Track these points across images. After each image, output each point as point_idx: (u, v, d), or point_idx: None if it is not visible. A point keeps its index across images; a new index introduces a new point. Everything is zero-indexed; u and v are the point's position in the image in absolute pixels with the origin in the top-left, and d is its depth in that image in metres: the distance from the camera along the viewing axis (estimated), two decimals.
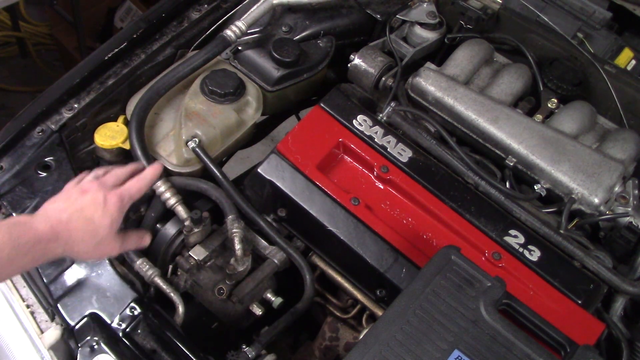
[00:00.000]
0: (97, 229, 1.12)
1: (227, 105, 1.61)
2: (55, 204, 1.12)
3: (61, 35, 3.54)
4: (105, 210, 1.13)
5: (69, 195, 1.14)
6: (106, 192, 1.15)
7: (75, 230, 1.10)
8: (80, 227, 1.10)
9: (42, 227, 1.06)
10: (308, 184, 1.51)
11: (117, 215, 1.15)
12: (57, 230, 1.07)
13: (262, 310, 1.47)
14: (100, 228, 1.13)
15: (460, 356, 1.07)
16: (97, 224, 1.12)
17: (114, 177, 1.22)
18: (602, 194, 1.50)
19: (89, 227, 1.11)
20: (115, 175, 1.22)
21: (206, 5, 1.81)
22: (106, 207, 1.13)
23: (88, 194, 1.14)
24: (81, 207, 1.12)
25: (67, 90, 1.59)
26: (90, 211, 1.12)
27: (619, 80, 1.73)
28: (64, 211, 1.10)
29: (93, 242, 1.12)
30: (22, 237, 1.02)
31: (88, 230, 1.11)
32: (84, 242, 1.11)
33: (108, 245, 1.16)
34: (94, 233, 1.12)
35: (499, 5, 1.87)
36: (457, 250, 1.18)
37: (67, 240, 1.09)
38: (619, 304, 1.46)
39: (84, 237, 1.11)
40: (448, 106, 1.64)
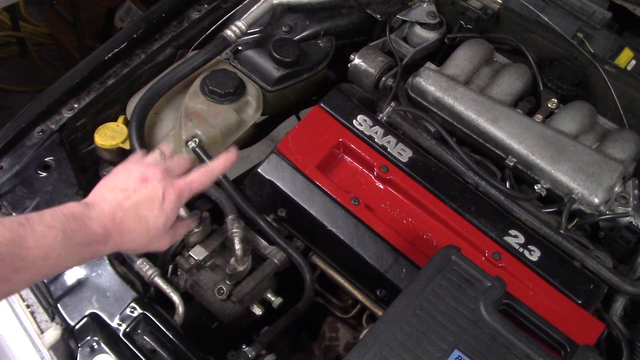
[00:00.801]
0: (150, 229, 1.05)
1: (227, 105, 1.61)
2: (112, 193, 1.03)
3: (61, 35, 3.54)
4: (162, 209, 1.05)
5: (129, 183, 1.05)
6: (167, 184, 1.06)
7: (127, 230, 1.02)
8: (133, 226, 1.03)
9: (96, 227, 0.99)
10: (308, 184, 1.51)
11: (173, 214, 1.08)
12: (110, 232, 1.00)
13: (262, 310, 1.47)
14: (154, 228, 1.05)
15: (460, 356, 1.07)
16: (151, 223, 1.05)
17: (181, 163, 1.14)
18: (602, 194, 1.50)
19: (143, 226, 1.04)
20: (182, 162, 1.14)
21: (206, 5, 1.81)
22: (164, 204, 1.05)
23: (148, 185, 1.05)
24: (137, 203, 1.03)
25: (67, 90, 1.59)
26: (146, 209, 1.04)
27: (619, 80, 1.73)
28: (119, 206, 1.02)
29: (144, 241, 1.06)
30: (75, 237, 0.96)
31: (141, 230, 1.04)
32: (134, 242, 1.05)
33: (158, 241, 1.10)
34: (146, 232, 1.05)
35: (499, 5, 1.87)
36: (457, 250, 1.18)
37: (117, 241, 1.02)
38: (619, 304, 1.46)
39: (136, 237, 1.04)
40: (448, 106, 1.64)
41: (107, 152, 1.58)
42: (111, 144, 1.55)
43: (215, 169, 1.15)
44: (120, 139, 1.55)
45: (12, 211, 1.44)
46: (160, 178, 1.06)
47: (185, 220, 1.19)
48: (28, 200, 1.46)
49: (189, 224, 1.20)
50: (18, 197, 1.46)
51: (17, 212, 1.44)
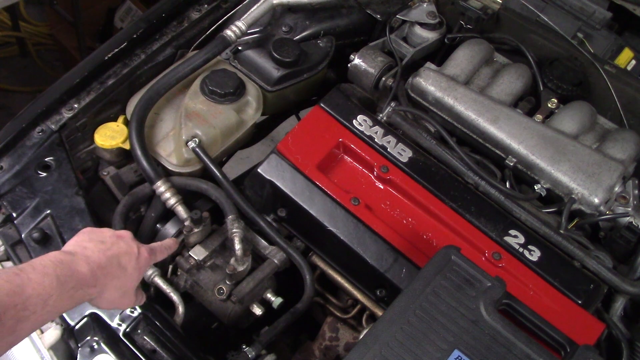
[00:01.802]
0: (127, 280, 1.09)
1: (227, 105, 1.61)
2: (91, 244, 1.07)
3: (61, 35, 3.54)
4: (138, 263, 1.11)
5: (103, 236, 1.09)
6: (139, 244, 1.13)
7: (110, 277, 1.06)
8: (114, 274, 1.06)
9: (85, 270, 1.01)
10: (308, 184, 1.51)
11: (143, 273, 1.14)
12: (97, 275, 1.03)
13: (262, 310, 1.47)
14: (130, 280, 1.10)
15: (460, 356, 1.07)
16: (129, 275, 1.09)
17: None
18: (602, 194, 1.50)
19: (122, 276, 1.08)
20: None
21: (206, 5, 1.81)
22: (139, 259, 1.11)
23: (123, 241, 1.10)
24: (117, 254, 1.08)
25: (67, 90, 1.59)
26: (125, 260, 1.09)
27: (619, 80, 1.73)
28: (103, 254, 1.06)
29: (120, 292, 1.09)
30: (68, 281, 0.97)
31: (120, 279, 1.08)
32: (113, 290, 1.07)
33: (130, 297, 1.13)
34: (124, 283, 1.09)
35: (499, 5, 1.87)
36: (457, 250, 1.18)
37: (102, 286, 1.04)
38: (619, 304, 1.46)
39: (116, 285, 1.07)
40: (448, 106, 1.64)
41: (107, 152, 1.58)
42: (111, 144, 1.55)
43: (170, 245, 1.25)
44: (120, 139, 1.55)
45: (12, 211, 1.44)
46: (132, 238, 1.13)
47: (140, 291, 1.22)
48: (28, 200, 1.46)
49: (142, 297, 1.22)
50: (18, 197, 1.46)
51: (17, 212, 1.44)
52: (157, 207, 1.53)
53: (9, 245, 1.42)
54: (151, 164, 1.50)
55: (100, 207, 1.56)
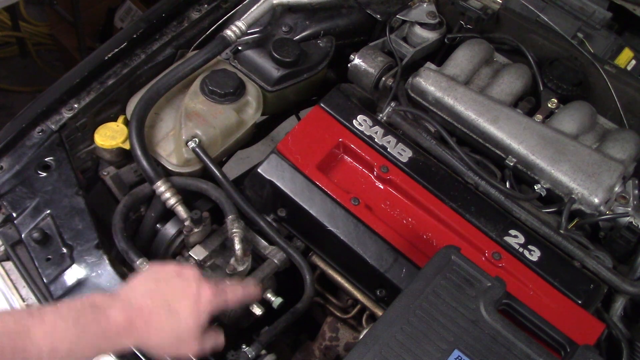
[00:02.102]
0: (181, 327, 0.99)
1: (227, 105, 1.61)
2: (144, 282, 0.99)
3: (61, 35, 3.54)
4: (196, 307, 1.00)
5: (162, 273, 1.01)
6: (204, 283, 1.02)
7: (154, 323, 0.96)
8: (161, 320, 0.96)
9: (118, 316, 0.93)
10: (308, 184, 1.51)
11: (206, 316, 1.02)
12: (134, 322, 0.94)
13: (262, 310, 1.47)
14: (185, 326, 0.99)
15: (460, 356, 1.07)
16: (182, 320, 0.99)
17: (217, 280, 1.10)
18: (602, 194, 1.50)
19: (172, 321, 0.98)
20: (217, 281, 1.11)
21: (206, 5, 1.81)
22: (198, 303, 1.00)
23: (182, 279, 1.01)
24: (169, 295, 0.98)
25: (67, 90, 1.59)
26: (178, 303, 0.98)
27: (619, 80, 1.73)
28: (149, 295, 0.97)
29: (172, 340, 0.99)
30: (90, 327, 0.90)
31: (170, 325, 0.97)
32: (160, 339, 0.98)
33: (187, 345, 1.01)
34: (176, 329, 0.98)
35: (499, 5, 1.87)
36: (457, 250, 1.18)
37: (141, 334, 0.95)
38: (619, 304, 1.46)
39: (163, 333, 0.98)
40: (448, 106, 1.64)
41: (107, 152, 1.58)
42: (111, 144, 1.55)
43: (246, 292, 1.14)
44: (120, 139, 1.55)
45: (12, 211, 1.44)
46: (197, 275, 1.02)
47: (213, 332, 1.10)
48: (28, 200, 1.46)
49: (216, 337, 1.11)
50: (18, 197, 1.46)
51: (17, 212, 1.44)
52: (157, 207, 1.53)
53: (9, 245, 1.42)
54: (151, 164, 1.50)
55: (100, 207, 1.56)
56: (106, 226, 1.48)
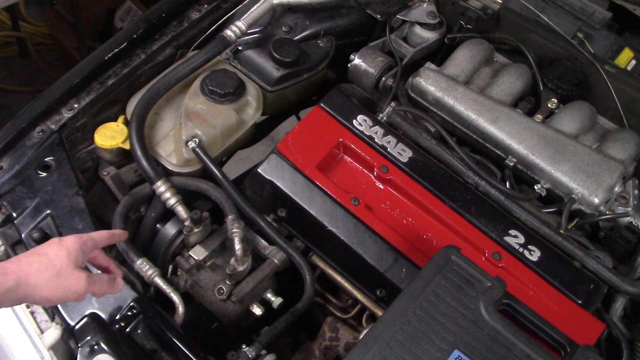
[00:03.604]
0: (53, 261, 1.08)
1: (227, 105, 1.61)
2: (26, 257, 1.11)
3: (61, 35, 3.54)
4: (61, 245, 1.11)
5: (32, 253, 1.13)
6: (65, 237, 1.14)
7: (28, 264, 1.07)
8: (34, 260, 1.08)
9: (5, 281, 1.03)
10: (308, 184, 1.51)
11: (76, 250, 1.12)
12: (5, 267, 1.04)
13: (262, 310, 1.47)
14: (57, 260, 1.09)
15: (460, 356, 1.07)
16: (53, 257, 1.09)
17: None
18: (602, 194, 1.50)
19: (44, 260, 1.08)
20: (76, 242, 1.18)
21: (206, 5, 1.81)
22: (62, 242, 1.11)
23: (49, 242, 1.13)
24: (35, 250, 1.11)
25: (67, 90, 1.59)
26: (44, 249, 1.10)
27: (619, 80, 1.73)
28: (23, 255, 1.10)
29: (50, 273, 1.08)
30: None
31: (43, 263, 1.08)
32: (40, 273, 1.07)
33: (69, 277, 1.10)
34: (50, 265, 1.08)
35: (499, 5, 1.87)
36: (457, 250, 1.18)
37: (18, 274, 1.05)
38: (619, 304, 1.46)
39: (40, 268, 1.07)
40: (448, 106, 1.64)
41: (107, 152, 1.58)
42: (111, 144, 1.55)
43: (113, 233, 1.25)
44: (120, 139, 1.55)
45: (12, 211, 1.44)
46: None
47: (108, 275, 1.20)
48: (28, 200, 1.46)
49: (111, 279, 1.19)
50: (18, 197, 1.46)
51: (17, 212, 1.44)
52: (157, 207, 1.53)
53: (9, 245, 1.42)
54: (151, 164, 1.50)
55: (100, 207, 1.56)
56: (106, 226, 1.48)
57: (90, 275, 1.13)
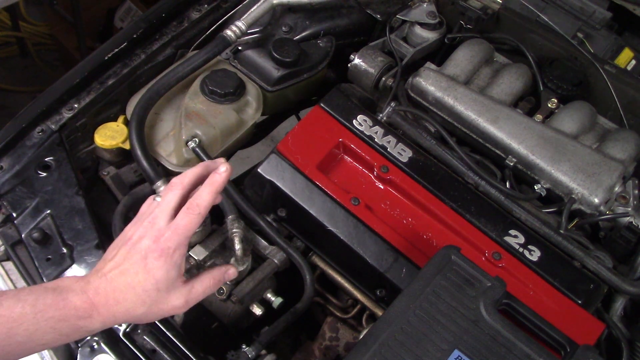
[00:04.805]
0: (142, 294, 0.94)
1: (227, 105, 1.61)
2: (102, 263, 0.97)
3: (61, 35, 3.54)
4: (147, 273, 0.94)
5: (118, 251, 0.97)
6: (149, 244, 0.95)
7: (115, 301, 0.93)
8: (122, 297, 0.93)
9: (77, 301, 0.90)
10: (308, 184, 1.51)
11: (163, 273, 0.95)
12: (95, 305, 0.91)
13: (262, 310, 1.47)
14: (144, 293, 0.94)
15: (460, 356, 1.07)
16: (140, 289, 0.94)
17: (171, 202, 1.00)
18: (602, 194, 1.50)
19: (133, 293, 0.94)
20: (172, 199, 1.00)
21: (206, 5, 1.81)
22: (146, 268, 0.94)
23: (132, 249, 0.96)
24: (123, 271, 0.94)
25: (67, 90, 1.59)
26: (130, 276, 0.94)
27: (619, 80, 1.73)
28: (104, 277, 0.94)
29: (143, 308, 0.95)
30: (48, 311, 0.88)
31: (133, 297, 0.94)
32: (130, 313, 0.95)
33: (166, 304, 0.97)
34: (139, 298, 0.94)
35: (499, 5, 1.87)
36: (457, 250, 1.18)
37: (106, 315, 0.93)
38: (619, 304, 1.46)
39: (129, 306, 0.94)
40: (448, 106, 1.64)
41: (107, 152, 1.58)
42: (111, 144, 1.55)
43: (200, 199, 1.00)
44: (120, 139, 1.55)
45: (12, 211, 1.44)
46: (140, 237, 0.97)
47: (205, 275, 1.06)
48: (28, 200, 1.46)
49: (203, 283, 1.05)
50: (18, 197, 1.46)
51: (17, 212, 1.44)
52: None
53: (9, 245, 1.42)
54: (151, 164, 1.50)
55: (100, 207, 1.56)
56: (106, 226, 1.48)
57: (190, 289, 1.00)
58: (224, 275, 1.09)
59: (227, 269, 1.10)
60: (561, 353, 1.16)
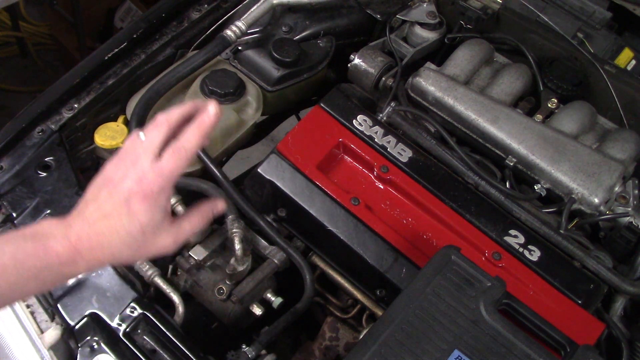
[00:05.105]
0: (128, 238, 0.91)
1: (227, 105, 1.61)
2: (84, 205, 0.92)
3: (61, 35, 3.54)
4: (131, 217, 0.90)
5: (99, 193, 0.92)
6: (131, 185, 0.90)
7: (100, 246, 0.90)
8: (106, 240, 0.90)
9: (60, 247, 0.87)
10: (308, 184, 1.51)
11: (148, 216, 0.90)
12: (79, 250, 0.88)
13: (262, 310, 1.47)
14: (130, 236, 0.90)
15: (460, 356, 1.07)
16: (124, 233, 0.90)
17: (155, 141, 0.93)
18: (602, 194, 1.50)
19: (118, 237, 0.91)
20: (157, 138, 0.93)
21: (206, 5, 1.81)
22: (130, 212, 0.90)
23: (113, 191, 0.91)
24: (106, 214, 0.90)
25: (67, 90, 1.59)
26: (114, 220, 0.90)
27: (619, 80, 1.73)
28: (86, 222, 0.90)
29: (130, 251, 0.92)
30: (28, 260, 0.85)
31: (119, 241, 0.91)
32: (116, 255, 0.92)
33: (154, 245, 0.93)
34: (125, 242, 0.91)
35: (499, 5, 1.87)
36: (457, 250, 1.18)
37: (90, 259, 0.90)
38: (619, 304, 1.46)
39: (115, 250, 0.91)
40: (448, 106, 1.64)
41: (107, 152, 1.58)
42: (111, 144, 1.55)
43: (187, 142, 0.94)
44: (120, 139, 1.55)
45: (12, 211, 1.44)
46: (122, 177, 0.91)
47: (188, 216, 1.00)
48: (28, 200, 1.46)
49: (191, 221, 1.00)
50: (18, 197, 1.46)
51: (17, 212, 1.44)
52: None
53: None
54: None
55: None
56: None
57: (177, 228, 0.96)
58: (212, 210, 1.02)
59: (216, 203, 1.03)
60: (561, 353, 1.16)
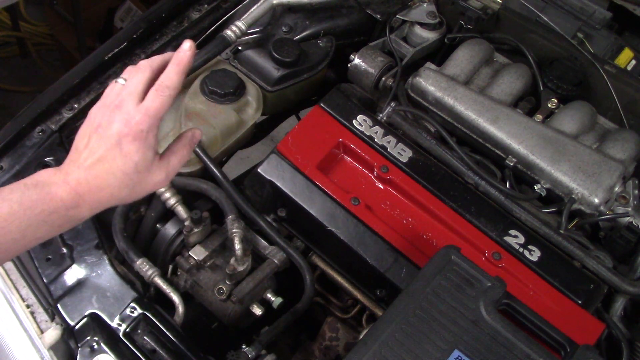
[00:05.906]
0: (124, 178, 0.95)
1: (227, 105, 1.61)
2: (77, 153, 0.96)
3: (61, 35, 3.54)
4: (124, 157, 0.94)
5: (89, 139, 0.96)
6: (120, 127, 0.94)
7: (99, 188, 0.94)
8: (104, 183, 0.94)
9: (62, 193, 0.92)
10: (308, 184, 1.51)
11: (140, 155, 0.95)
12: (80, 194, 0.93)
13: (262, 310, 1.47)
14: (126, 176, 0.95)
15: (460, 356, 1.07)
16: (120, 174, 0.95)
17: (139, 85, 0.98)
18: (602, 194, 1.50)
19: (114, 178, 0.94)
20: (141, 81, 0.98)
21: (206, 5, 1.81)
22: (122, 153, 0.94)
23: (103, 134, 0.94)
24: (100, 158, 0.94)
25: (67, 90, 1.59)
26: (109, 162, 0.94)
27: (619, 80, 1.73)
28: (82, 167, 0.94)
29: (127, 190, 0.96)
30: (36, 206, 0.90)
31: (115, 182, 0.95)
32: (115, 196, 0.96)
33: (148, 182, 0.98)
34: (122, 182, 0.95)
35: (499, 5, 1.87)
36: (457, 250, 1.18)
37: (93, 201, 0.94)
38: (619, 304, 1.46)
39: (114, 190, 0.95)
40: (448, 106, 1.64)
41: None
42: None
43: (168, 79, 0.98)
44: None
45: None
46: (109, 121, 0.95)
47: (173, 150, 1.03)
48: None
49: (177, 154, 1.03)
50: None
51: None
52: (157, 207, 1.53)
53: None
54: None
55: None
56: (106, 226, 1.48)
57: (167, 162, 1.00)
58: (192, 139, 1.06)
59: (193, 132, 1.07)
60: (561, 353, 1.16)
